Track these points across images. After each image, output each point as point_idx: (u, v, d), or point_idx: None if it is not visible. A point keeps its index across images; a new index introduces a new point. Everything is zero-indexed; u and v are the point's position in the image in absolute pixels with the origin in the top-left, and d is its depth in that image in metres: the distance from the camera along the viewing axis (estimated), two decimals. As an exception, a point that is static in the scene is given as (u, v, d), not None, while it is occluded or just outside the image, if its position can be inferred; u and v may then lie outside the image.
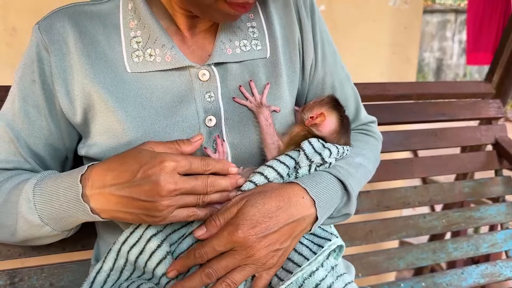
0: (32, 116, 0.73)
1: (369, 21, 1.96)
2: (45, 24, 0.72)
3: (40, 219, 0.67)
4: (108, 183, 0.62)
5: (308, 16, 0.83)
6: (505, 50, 1.55)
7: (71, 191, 0.64)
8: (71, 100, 0.71)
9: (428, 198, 1.31)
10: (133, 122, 0.70)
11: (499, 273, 1.27)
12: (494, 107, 1.48)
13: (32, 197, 0.67)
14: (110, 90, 0.70)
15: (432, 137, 1.37)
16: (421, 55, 8.67)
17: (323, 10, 1.86)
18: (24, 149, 0.74)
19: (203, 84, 0.73)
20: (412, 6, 2.01)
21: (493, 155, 1.44)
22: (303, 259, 0.68)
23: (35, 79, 0.72)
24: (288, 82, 0.80)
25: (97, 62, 0.71)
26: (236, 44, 0.77)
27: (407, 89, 1.41)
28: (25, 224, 0.68)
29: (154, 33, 0.72)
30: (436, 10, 8.60)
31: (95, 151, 0.73)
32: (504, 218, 1.36)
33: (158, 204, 0.61)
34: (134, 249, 0.69)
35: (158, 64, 0.72)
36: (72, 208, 0.65)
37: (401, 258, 1.22)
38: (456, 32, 8.64)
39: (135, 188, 0.60)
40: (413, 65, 2.12)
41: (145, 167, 0.60)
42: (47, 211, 0.67)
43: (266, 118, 0.74)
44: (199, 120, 0.72)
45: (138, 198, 0.61)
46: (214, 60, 0.74)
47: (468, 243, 1.29)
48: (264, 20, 0.80)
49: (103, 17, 0.74)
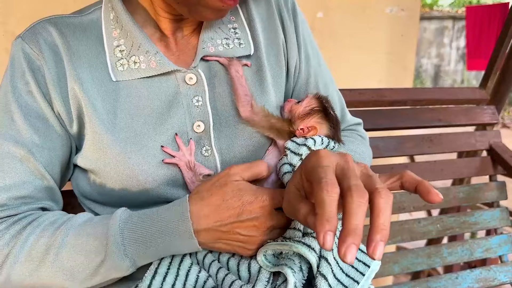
0: (40, 128, 0.70)
1: (366, 28, 1.98)
2: (29, 35, 0.70)
3: (129, 260, 0.64)
4: (212, 219, 0.64)
5: (291, 18, 0.83)
6: (499, 57, 1.56)
7: (181, 228, 0.63)
8: (67, 108, 0.70)
9: (423, 203, 1.32)
10: (121, 134, 0.70)
11: (493, 278, 1.28)
12: (488, 113, 1.50)
13: (121, 239, 0.64)
14: (98, 101, 0.70)
15: (427, 142, 1.38)
16: (419, 61, 8.71)
17: (320, 18, 1.88)
18: (40, 164, 0.70)
19: (190, 88, 0.73)
20: (409, 13, 2.04)
21: (488, 161, 1.45)
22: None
23: (31, 90, 0.69)
24: (273, 84, 0.80)
25: (82, 73, 0.70)
26: (218, 42, 0.76)
27: (403, 95, 1.43)
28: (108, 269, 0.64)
29: (137, 40, 0.72)
30: (434, 16, 8.65)
31: (85, 162, 0.72)
32: (499, 223, 1.37)
33: (256, 239, 0.65)
34: (168, 277, 0.67)
35: (143, 71, 0.71)
36: (180, 245, 0.65)
37: (396, 262, 1.23)
38: (454, 38, 8.69)
39: (237, 224, 0.64)
40: (410, 72, 2.14)
41: (247, 205, 0.64)
42: (138, 248, 0.64)
43: (237, 70, 0.74)
44: (187, 126, 0.72)
45: (239, 232, 0.65)
46: (197, 58, 0.74)
47: (463, 248, 1.30)
48: (246, 22, 0.80)
49: (85, 29, 0.73)
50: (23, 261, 0.64)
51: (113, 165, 0.69)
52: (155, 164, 0.70)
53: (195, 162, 0.71)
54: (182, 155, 0.70)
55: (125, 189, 0.70)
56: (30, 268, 0.64)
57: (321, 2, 1.89)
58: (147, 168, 0.69)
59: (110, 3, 0.74)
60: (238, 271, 0.68)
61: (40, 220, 0.68)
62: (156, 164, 0.70)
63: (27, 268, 0.64)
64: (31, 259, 0.64)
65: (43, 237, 0.65)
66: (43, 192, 0.71)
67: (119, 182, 0.70)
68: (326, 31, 1.89)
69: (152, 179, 0.70)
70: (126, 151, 0.69)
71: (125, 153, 0.69)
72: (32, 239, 0.65)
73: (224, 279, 0.65)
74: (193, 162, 0.71)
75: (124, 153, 0.69)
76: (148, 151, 0.70)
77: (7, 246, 0.65)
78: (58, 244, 0.64)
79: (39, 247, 0.64)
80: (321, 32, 1.89)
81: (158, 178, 0.70)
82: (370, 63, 2.03)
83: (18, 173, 0.68)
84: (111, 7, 0.74)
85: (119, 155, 0.69)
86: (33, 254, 0.64)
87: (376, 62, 2.05)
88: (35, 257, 0.64)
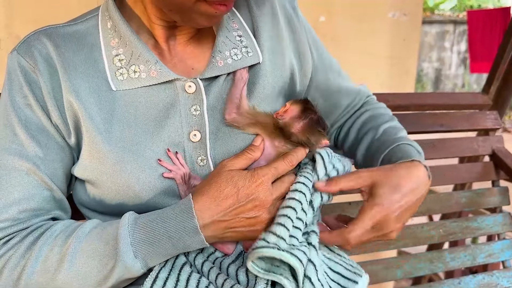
0: (41, 141, 0.70)
1: (368, 32, 1.99)
2: (24, 48, 0.71)
3: (140, 262, 0.65)
4: (214, 211, 0.65)
5: (298, 20, 0.85)
6: (502, 62, 1.57)
7: (188, 225, 0.65)
8: (64, 120, 0.70)
9: (425, 208, 1.32)
10: (119, 144, 0.70)
11: (495, 283, 1.27)
12: (491, 118, 1.49)
13: (131, 240, 0.64)
14: (94, 110, 0.70)
15: (430, 147, 1.38)
16: (420, 65, 8.71)
17: (322, 22, 1.88)
18: (46, 176, 0.70)
19: (189, 96, 0.73)
20: (411, 18, 2.04)
21: (490, 166, 1.45)
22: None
23: (30, 103, 0.70)
24: (274, 92, 0.80)
25: (78, 84, 0.70)
26: (227, 54, 0.76)
27: (406, 100, 1.43)
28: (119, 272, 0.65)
29: (137, 50, 0.71)
30: (435, 21, 8.66)
31: (82, 172, 0.72)
32: (501, 228, 1.37)
33: (262, 218, 0.67)
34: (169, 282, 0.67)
35: (144, 80, 0.71)
36: (188, 242, 0.65)
37: (399, 267, 1.23)
38: (455, 42, 8.70)
39: (240, 209, 0.66)
40: (412, 77, 2.15)
41: (242, 188, 0.66)
42: (149, 247, 0.65)
43: (242, 75, 0.75)
44: (184, 135, 0.72)
45: (244, 217, 0.66)
46: (206, 75, 0.74)
47: (465, 253, 1.30)
48: (249, 30, 0.80)
49: (81, 38, 0.73)
50: (39, 272, 0.65)
51: (109, 174, 0.70)
52: (152, 174, 0.70)
53: (190, 174, 0.72)
54: (177, 169, 0.71)
55: (122, 199, 0.71)
56: (46, 278, 0.65)
57: (324, 6, 1.89)
58: (144, 177, 0.70)
59: (107, 12, 0.74)
60: (236, 276, 0.68)
61: (52, 230, 0.68)
62: (153, 173, 0.70)
63: (44, 278, 0.65)
64: (46, 269, 0.65)
65: (56, 246, 0.66)
66: (52, 203, 0.72)
67: (115, 192, 0.70)
68: (328, 35, 1.89)
69: (149, 188, 0.70)
70: (122, 160, 0.69)
71: (122, 162, 0.69)
72: (46, 249, 0.66)
73: (224, 284, 0.66)
74: (188, 175, 0.72)
75: (121, 162, 0.69)
76: (145, 161, 0.70)
77: (23, 258, 0.66)
78: (71, 251, 0.65)
79: (54, 256, 0.65)
80: (323, 36, 1.88)
81: (155, 188, 0.70)
82: (372, 67, 2.04)
83: (26, 186, 0.69)
84: (108, 16, 0.74)
85: (115, 165, 0.69)
86: (48, 263, 0.65)
87: (378, 66, 2.06)
88: (50, 267, 0.65)
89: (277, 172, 0.69)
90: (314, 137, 0.73)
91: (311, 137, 0.72)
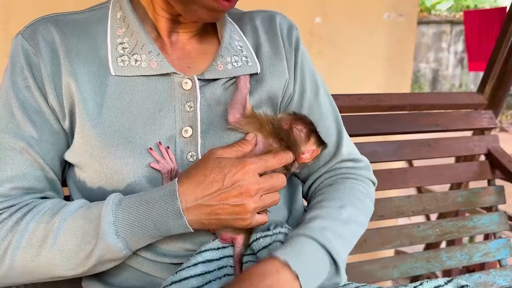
0: (37, 122, 0.72)
1: (364, 34, 2.00)
2: (29, 32, 0.73)
3: (122, 243, 0.66)
4: (199, 195, 0.65)
5: (292, 52, 0.85)
6: (497, 62, 1.58)
7: (170, 207, 0.65)
8: (61, 103, 0.72)
9: (422, 208, 1.32)
10: (110, 127, 0.71)
11: (492, 282, 1.28)
12: (486, 117, 1.50)
13: (113, 219, 0.65)
14: (89, 94, 0.72)
15: (425, 147, 1.39)
16: (417, 66, 8.74)
17: (318, 23, 1.89)
18: (38, 156, 0.72)
19: (184, 93, 0.74)
20: (406, 18, 2.05)
21: (486, 165, 1.46)
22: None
23: (29, 85, 0.72)
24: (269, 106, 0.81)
25: (79, 68, 0.72)
26: (228, 60, 0.78)
27: (401, 100, 1.44)
28: (101, 251, 0.66)
29: (142, 40, 0.73)
30: (432, 21, 8.69)
31: (72, 156, 0.74)
32: (497, 227, 1.38)
33: (247, 207, 0.66)
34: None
35: (143, 69, 0.73)
36: (170, 224, 0.66)
37: (395, 267, 1.24)
38: (452, 43, 8.72)
39: (225, 195, 0.65)
40: (408, 78, 2.15)
41: (229, 174, 0.65)
42: (131, 229, 0.66)
43: (246, 83, 0.77)
44: (176, 130, 0.74)
45: (228, 203, 0.66)
46: (205, 76, 0.75)
47: (462, 252, 1.31)
48: (250, 45, 0.82)
49: (87, 25, 0.76)
50: (24, 247, 0.67)
51: (98, 157, 0.71)
52: (140, 161, 0.71)
53: (177, 170, 0.73)
54: (166, 163, 0.72)
55: (106, 184, 0.72)
56: (31, 253, 0.66)
57: (319, 7, 1.90)
58: (132, 162, 0.71)
59: (119, 3, 0.76)
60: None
61: (40, 207, 0.70)
62: (141, 161, 0.72)
63: (29, 254, 0.66)
64: (31, 245, 0.67)
65: (42, 223, 0.67)
66: (44, 183, 0.74)
67: (103, 176, 0.72)
68: (324, 36, 1.90)
69: (136, 174, 0.71)
70: (112, 144, 0.71)
71: (111, 146, 0.71)
72: (32, 225, 0.67)
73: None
74: (175, 172, 0.73)
75: (111, 146, 0.71)
76: (135, 147, 0.72)
77: (10, 232, 0.68)
78: (56, 228, 0.66)
79: (39, 233, 0.67)
80: (319, 37, 1.90)
81: (142, 176, 0.71)
82: (368, 68, 2.05)
83: (19, 164, 0.71)
84: (119, 7, 0.76)
85: (104, 148, 0.71)
86: (34, 240, 0.67)
87: (374, 67, 2.06)
88: (35, 243, 0.67)
89: (266, 165, 0.68)
90: (310, 145, 0.75)
91: (307, 143, 0.74)
